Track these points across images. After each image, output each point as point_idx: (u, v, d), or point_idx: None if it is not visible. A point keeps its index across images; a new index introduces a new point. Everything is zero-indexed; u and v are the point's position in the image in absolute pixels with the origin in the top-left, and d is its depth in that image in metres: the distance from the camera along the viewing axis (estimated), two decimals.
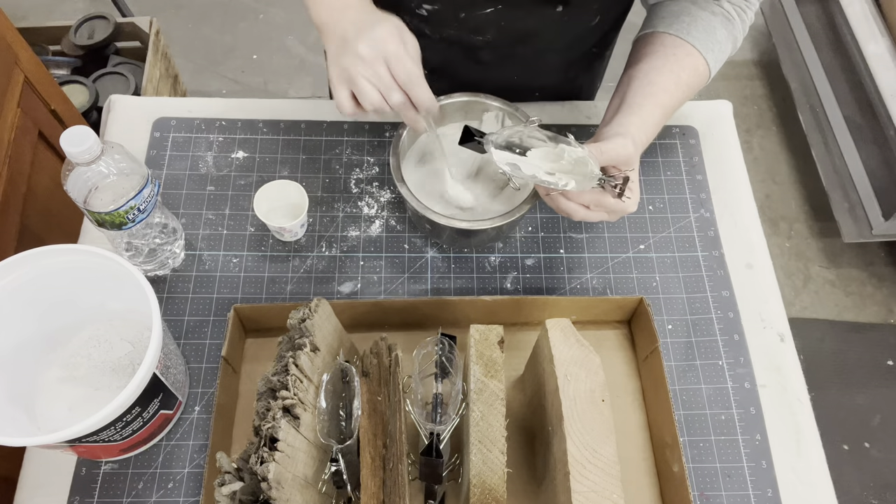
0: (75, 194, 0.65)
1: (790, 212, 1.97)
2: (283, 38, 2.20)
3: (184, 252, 0.80)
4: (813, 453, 0.73)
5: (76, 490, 0.67)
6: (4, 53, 1.07)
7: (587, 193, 0.63)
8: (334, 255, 0.81)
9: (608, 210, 0.64)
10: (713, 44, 0.71)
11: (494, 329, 0.64)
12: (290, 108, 0.91)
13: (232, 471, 0.54)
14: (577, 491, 0.55)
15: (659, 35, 0.72)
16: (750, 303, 0.81)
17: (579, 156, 0.61)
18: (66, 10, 2.22)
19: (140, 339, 0.73)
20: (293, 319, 0.62)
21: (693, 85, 0.71)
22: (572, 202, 0.64)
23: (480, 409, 0.60)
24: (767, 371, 0.77)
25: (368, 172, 0.87)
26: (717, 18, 0.71)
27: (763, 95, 2.19)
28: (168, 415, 0.67)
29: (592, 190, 0.63)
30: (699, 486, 0.70)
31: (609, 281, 0.81)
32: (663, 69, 0.70)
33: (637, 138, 0.65)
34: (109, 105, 0.90)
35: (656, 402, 0.71)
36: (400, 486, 0.59)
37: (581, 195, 0.64)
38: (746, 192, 0.89)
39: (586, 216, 0.65)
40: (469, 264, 0.82)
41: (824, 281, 1.87)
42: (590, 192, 0.63)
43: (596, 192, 0.63)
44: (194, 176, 0.85)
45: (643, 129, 0.67)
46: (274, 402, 0.56)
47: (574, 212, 0.65)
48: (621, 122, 0.67)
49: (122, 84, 1.65)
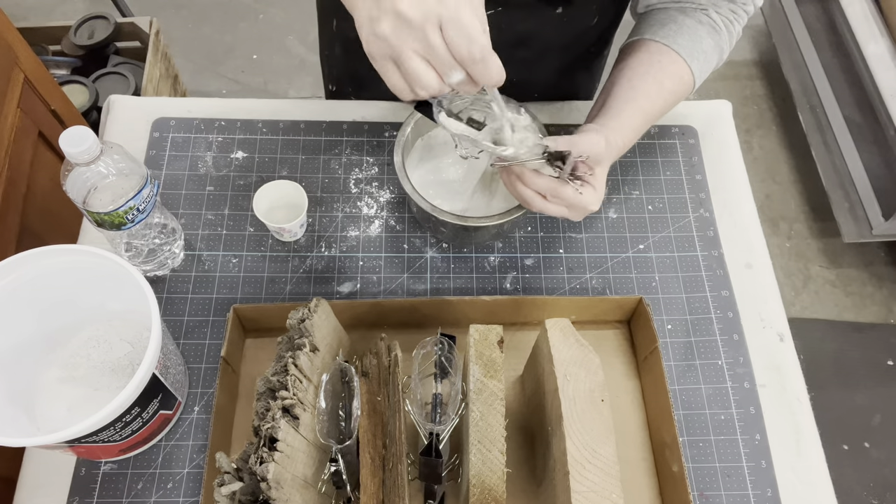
0: (74, 194, 0.65)
1: (790, 212, 1.97)
2: (283, 38, 2.20)
3: (183, 252, 0.80)
4: (813, 453, 0.73)
5: (76, 490, 0.67)
6: (4, 53, 1.07)
7: (542, 179, 0.61)
8: (334, 255, 0.81)
9: (567, 203, 0.62)
10: (699, 53, 0.71)
11: (494, 329, 0.64)
12: (290, 108, 0.91)
13: (231, 471, 0.54)
14: (576, 491, 0.55)
15: (645, 42, 0.72)
16: (749, 303, 0.81)
17: (525, 124, 0.60)
18: (66, 10, 2.22)
19: (139, 340, 0.73)
20: (292, 319, 0.62)
21: (677, 92, 0.71)
22: (528, 188, 0.62)
23: (480, 409, 0.60)
24: (767, 371, 0.77)
25: (368, 172, 0.87)
26: (703, 28, 0.72)
27: (763, 95, 2.19)
28: (167, 415, 0.67)
29: (549, 178, 0.61)
30: (699, 486, 0.70)
31: (608, 281, 0.81)
32: (646, 75, 0.70)
33: (611, 139, 0.65)
34: (109, 105, 0.90)
35: (656, 401, 0.71)
36: (399, 486, 0.59)
37: (536, 180, 0.61)
38: (746, 192, 0.89)
39: (544, 207, 0.63)
40: (469, 264, 0.82)
41: (824, 281, 1.87)
42: (545, 179, 0.61)
43: (552, 180, 0.61)
44: (194, 176, 0.85)
45: (620, 132, 0.67)
46: (273, 402, 0.56)
47: (531, 199, 0.63)
48: (599, 122, 0.67)
49: (122, 84, 1.65)
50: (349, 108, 0.91)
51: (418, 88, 0.48)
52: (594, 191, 0.63)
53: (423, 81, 0.47)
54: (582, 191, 0.62)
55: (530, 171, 0.62)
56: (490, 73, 0.48)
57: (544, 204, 0.63)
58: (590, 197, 0.62)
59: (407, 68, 0.47)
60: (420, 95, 0.49)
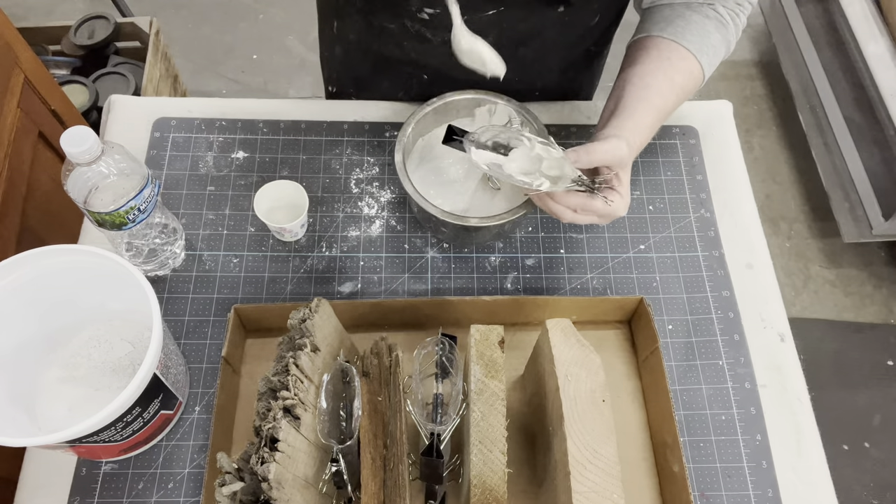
0: (75, 194, 0.65)
1: (790, 212, 1.97)
2: (283, 38, 2.20)
3: (184, 252, 0.80)
4: (813, 453, 0.73)
5: (76, 490, 0.67)
6: (4, 53, 1.07)
7: (573, 197, 0.63)
8: (334, 255, 0.81)
9: (597, 214, 0.64)
10: (707, 47, 0.71)
11: (495, 329, 0.64)
12: (290, 108, 0.91)
13: (232, 471, 0.54)
14: (577, 491, 0.55)
15: (653, 39, 0.72)
16: (750, 303, 0.81)
17: (556, 157, 0.62)
18: (66, 10, 2.22)
19: (140, 340, 0.73)
20: (293, 320, 0.62)
21: (687, 88, 0.72)
22: (559, 204, 0.64)
23: (481, 409, 0.60)
24: (768, 371, 0.77)
25: (369, 172, 0.87)
26: (710, 22, 0.72)
27: (763, 95, 2.19)
28: (168, 415, 0.67)
29: (579, 193, 0.63)
30: (699, 486, 0.70)
31: (609, 281, 0.81)
32: (658, 72, 0.70)
33: (631, 141, 0.65)
34: (109, 105, 0.90)
35: (656, 402, 0.71)
36: (400, 486, 0.59)
37: (567, 198, 0.63)
38: (746, 192, 0.89)
39: (574, 219, 0.65)
40: (469, 264, 0.82)
41: (824, 281, 1.87)
42: (576, 196, 0.63)
43: (582, 195, 0.63)
44: (194, 176, 0.85)
45: (637, 132, 0.67)
46: (274, 402, 0.56)
47: (561, 214, 0.64)
48: (616, 125, 0.67)
49: (122, 84, 1.65)
50: (350, 108, 0.91)
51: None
52: (622, 198, 0.64)
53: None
54: (611, 201, 0.63)
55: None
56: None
57: (574, 216, 0.65)
58: (619, 204, 0.64)
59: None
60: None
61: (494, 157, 0.64)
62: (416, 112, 0.77)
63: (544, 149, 0.62)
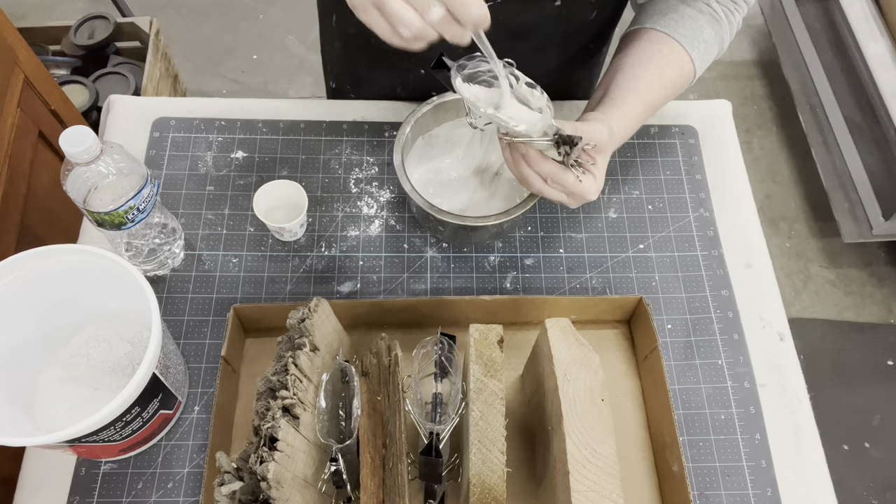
0: (75, 194, 0.65)
1: (790, 212, 1.97)
2: (283, 38, 2.20)
3: (183, 252, 0.80)
4: (812, 453, 0.73)
5: (76, 490, 0.67)
6: (4, 53, 1.07)
7: (546, 163, 0.62)
8: (334, 254, 0.81)
9: (566, 190, 0.63)
10: (699, 42, 0.71)
11: (494, 329, 0.64)
12: (290, 108, 0.91)
13: (231, 470, 0.54)
14: (576, 490, 0.55)
15: (646, 31, 0.73)
16: (749, 302, 0.81)
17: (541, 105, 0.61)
18: (66, 10, 2.22)
19: (140, 339, 0.73)
20: (293, 319, 0.62)
21: (678, 82, 0.72)
22: (531, 168, 0.63)
23: (480, 408, 0.60)
24: (767, 370, 0.77)
25: (368, 172, 0.87)
26: (704, 17, 0.72)
27: (763, 95, 2.19)
28: (168, 415, 0.67)
29: (552, 162, 0.62)
30: (699, 486, 0.70)
31: (608, 280, 0.81)
32: (648, 64, 0.70)
33: (615, 129, 0.65)
34: (109, 105, 0.90)
35: (656, 401, 0.71)
36: (399, 485, 0.59)
37: (540, 163, 0.63)
38: (746, 192, 0.89)
39: (542, 189, 0.64)
40: (469, 264, 0.82)
41: (824, 281, 1.87)
42: (549, 163, 0.62)
43: (556, 165, 0.62)
44: (194, 176, 0.85)
45: (623, 122, 0.67)
46: (273, 401, 0.56)
47: (532, 181, 0.64)
48: (604, 111, 0.67)
49: (122, 84, 1.65)
50: (349, 107, 0.91)
51: (401, 28, 0.48)
52: (594, 180, 0.64)
53: (404, 20, 0.48)
54: (582, 179, 0.63)
55: (535, 151, 0.63)
56: (469, 8, 0.48)
57: (543, 187, 0.64)
58: (589, 185, 0.63)
59: (388, 10, 0.48)
60: (404, 36, 0.49)
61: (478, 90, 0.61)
62: (415, 111, 0.77)
63: (530, 91, 0.61)
